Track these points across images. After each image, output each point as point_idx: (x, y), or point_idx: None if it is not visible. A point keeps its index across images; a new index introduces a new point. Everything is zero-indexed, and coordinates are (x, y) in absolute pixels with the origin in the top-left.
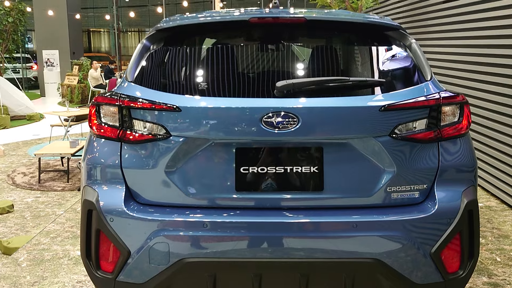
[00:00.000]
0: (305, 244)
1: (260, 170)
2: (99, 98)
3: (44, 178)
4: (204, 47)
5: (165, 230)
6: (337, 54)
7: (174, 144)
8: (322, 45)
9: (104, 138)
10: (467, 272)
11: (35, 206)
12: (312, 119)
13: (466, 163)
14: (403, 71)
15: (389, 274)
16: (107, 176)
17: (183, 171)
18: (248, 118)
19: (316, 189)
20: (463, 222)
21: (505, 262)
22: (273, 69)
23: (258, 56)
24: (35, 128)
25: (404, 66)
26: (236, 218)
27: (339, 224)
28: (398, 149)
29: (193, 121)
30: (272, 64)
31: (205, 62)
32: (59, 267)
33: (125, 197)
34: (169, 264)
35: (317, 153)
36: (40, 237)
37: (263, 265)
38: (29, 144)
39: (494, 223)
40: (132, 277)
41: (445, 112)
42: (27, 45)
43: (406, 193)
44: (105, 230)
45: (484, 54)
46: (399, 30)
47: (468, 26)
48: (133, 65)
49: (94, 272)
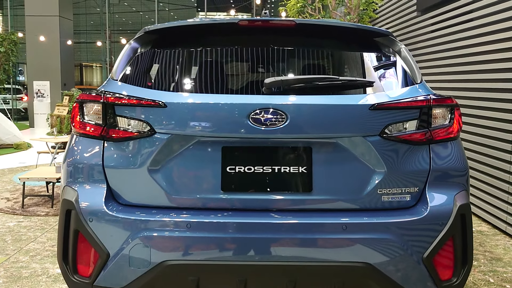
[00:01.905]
0: (293, 247)
1: (247, 169)
2: (83, 96)
3: (28, 203)
4: (191, 48)
5: (146, 231)
6: (328, 58)
7: (158, 142)
8: (312, 49)
9: (86, 136)
10: (461, 280)
11: (17, 230)
12: (301, 116)
13: (458, 166)
14: (393, 74)
15: (380, 280)
16: (88, 176)
17: (167, 170)
18: (235, 115)
19: (305, 190)
20: (456, 226)
21: (499, 283)
22: (262, 69)
23: (247, 56)
24: (21, 156)
25: (394, 70)
26: (220, 219)
27: (328, 226)
28: (388, 150)
29: (179, 118)
30: (261, 64)
31: (193, 62)
32: (36, 284)
33: (106, 196)
34: (150, 267)
35: (305, 152)
36: (19, 255)
37: (248, 268)
38: (14, 171)
39: (486, 247)
40: (110, 282)
41: (436, 114)
42: (18, 77)
43: (397, 196)
44: (83, 231)
45: (476, 88)
46: (389, 36)
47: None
48: (119, 65)
49: (70, 277)
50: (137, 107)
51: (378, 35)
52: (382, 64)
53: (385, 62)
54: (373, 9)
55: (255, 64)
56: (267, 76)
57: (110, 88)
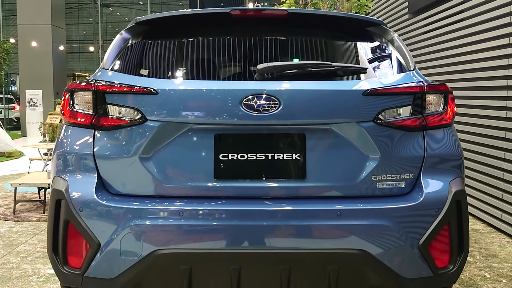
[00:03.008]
0: (287, 234)
1: (240, 157)
2: (73, 85)
3: (19, 209)
4: (183, 38)
5: (138, 220)
6: (321, 48)
7: (150, 130)
8: (305, 38)
9: (76, 126)
10: (457, 268)
11: (8, 235)
12: (294, 102)
13: (452, 153)
14: (387, 62)
15: (376, 267)
16: (78, 165)
17: (159, 158)
18: (227, 100)
19: (298, 177)
20: (452, 213)
21: (495, 278)
22: (255, 57)
23: (239, 45)
24: (13, 164)
25: (387, 58)
26: (213, 207)
27: (323, 212)
28: (382, 136)
29: (170, 105)
30: (254, 53)
31: (184, 52)
32: (27, 284)
33: (96, 186)
34: (141, 257)
35: (299, 139)
36: (9, 257)
37: (242, 256)
38: (6, 179)
39: (481, 244)
40: (101, 272)
41: (430, 100)
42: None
43: (392, 182)
44: (74, 221)
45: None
46: (381, 25)
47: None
48: (110, 55)
49: (60, 268)
50: (128, 94)
51: (371, 25)
52: (375, 52)
53: (378, 50)
54: (365, 12)
55: (247, 53)
56: (260, 62)
57: (101, 77)
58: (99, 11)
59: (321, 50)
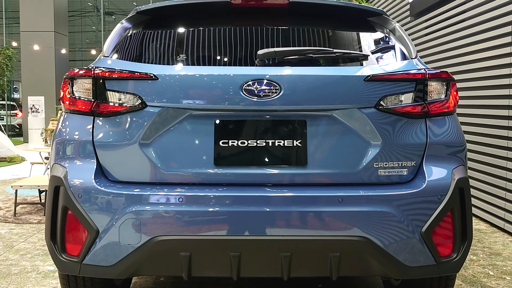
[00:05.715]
0: (288, 221)
1: (240, 143)
2: (72, 72)
3: (20, 212)
4: (183, 27)
5: (137, 207)
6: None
7: (150, 116)
8: (306, 27)
9: (76, 112)
10: (461, 256)
11: (8, 237)
12: (295, 87)
13: (455, 141)
14: (388, 50)
15: (378, 255)
16: (77, 152)
17: (159, 145)
18: (228, 86)
19: (300, 164)
20: (455, 200)
21: (498, 275)
22: (256, 44)
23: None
24: (15, 169)
25: (389, 46)
26: (214, 193)
27: (324, 199)
28: (384, 123)
29: (170, 90)
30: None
31: (185, 40)
32: (26, 280)
33: (95, 172)
34: (141, 243)
35: (300, 125)
36: (8, 254)
37: (242, 243)
38: (7, 183)
39: (484, 243)
40: (100, 260)
41: (432, 87)
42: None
43: (394, 169)
44: (72, 207)
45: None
46: (383, 15)
47: None
48: (110, 43)
49: (58, 256)
50: (128, 80)
51: (372, 14)
52: (377, 41)
53: (379, 39)
54: None
55: (248, 41)
56: (260, 47)
57: (101, 64)
58: (101, 19)
59: (323, 39)
